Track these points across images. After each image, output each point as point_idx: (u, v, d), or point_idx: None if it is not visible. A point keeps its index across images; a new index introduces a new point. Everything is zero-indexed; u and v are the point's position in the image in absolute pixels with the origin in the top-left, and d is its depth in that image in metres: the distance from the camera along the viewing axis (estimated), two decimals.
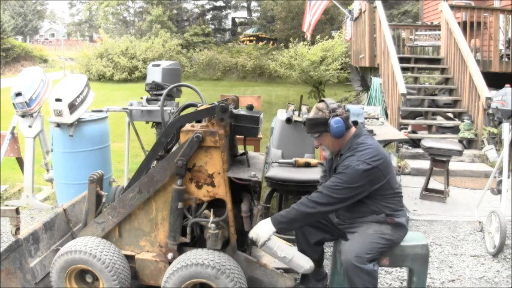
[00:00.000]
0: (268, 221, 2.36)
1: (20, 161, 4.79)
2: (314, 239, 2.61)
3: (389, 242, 2.37)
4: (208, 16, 25.43)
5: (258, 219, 2.54)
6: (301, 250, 2.67)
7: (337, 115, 2.39)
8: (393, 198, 2.42)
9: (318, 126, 2.44)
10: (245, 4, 27.25)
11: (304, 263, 2.40)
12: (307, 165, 3.65)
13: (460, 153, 4.55)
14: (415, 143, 6.22)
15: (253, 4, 27.14)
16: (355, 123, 2.51)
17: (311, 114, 2.49)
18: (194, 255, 2.43)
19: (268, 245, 2.33)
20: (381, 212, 2.40)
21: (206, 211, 2.52)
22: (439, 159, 4.65)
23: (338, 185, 2.29)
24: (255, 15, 26.81)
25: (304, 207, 2.31)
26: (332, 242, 2.77)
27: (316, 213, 2.33)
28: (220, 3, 25.74)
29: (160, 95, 4.18)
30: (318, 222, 2.58)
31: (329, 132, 2.40)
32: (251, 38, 22.00)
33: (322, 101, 2.50)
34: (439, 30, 8.63)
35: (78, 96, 4.04)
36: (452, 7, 7.81)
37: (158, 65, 4.48)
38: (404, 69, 7.49)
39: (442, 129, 6.91)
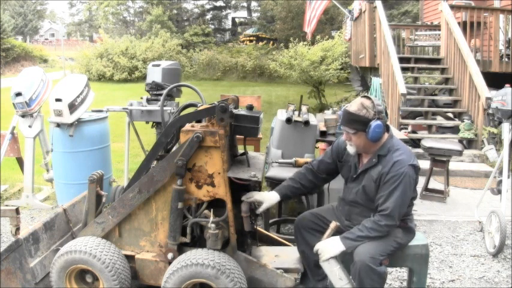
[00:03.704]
0: (337, 239, 2.32)
1: (20, 161, 4.78)
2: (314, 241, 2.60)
3: (399, 245, 2.38)
4: (208, 16, 25.45)
5: (329, 235, 2.41)
6: (300, 251, 2.69)
7: (379, 118, 2.26)
8: (411, 204, 2.44)
9: (357, 123, 2.28)
10: (245, 4, 27.27)
11: None
12: None
13: (460, 153, 4.54)
14: (415, 143, 6.21)
15: (253, 4, 27.16)
16: (387, 127, 2.41)
17: (353, 108, 2.30)
18: (194, 255, 2.43)
19: (331, 262, 2.31)
20: None
21: (206, 211, 2.52)
22: (439, 159, 4.65)
23: (399, 200, 2.25)
24: (255, 15, 26.83)
25: (378, 233, 2.28)
26: None
27: (386, 234, 2.32)
28: (220, 3, 25.77)
29: (160, 95, 4.18)
30: (316, 224, 2.60)
31: (366, 134, 2.27)
32: (251, 38, 22.00)
33: (369, 98, 2.32)
34: (439, 30, 8.63)
35: (78, 96, 4.04)
36: (452, 7, 7.80)
37: (158, 65, 4.48)
38: (404, 69, 7.48)
39: (442, 129, 6.91)
